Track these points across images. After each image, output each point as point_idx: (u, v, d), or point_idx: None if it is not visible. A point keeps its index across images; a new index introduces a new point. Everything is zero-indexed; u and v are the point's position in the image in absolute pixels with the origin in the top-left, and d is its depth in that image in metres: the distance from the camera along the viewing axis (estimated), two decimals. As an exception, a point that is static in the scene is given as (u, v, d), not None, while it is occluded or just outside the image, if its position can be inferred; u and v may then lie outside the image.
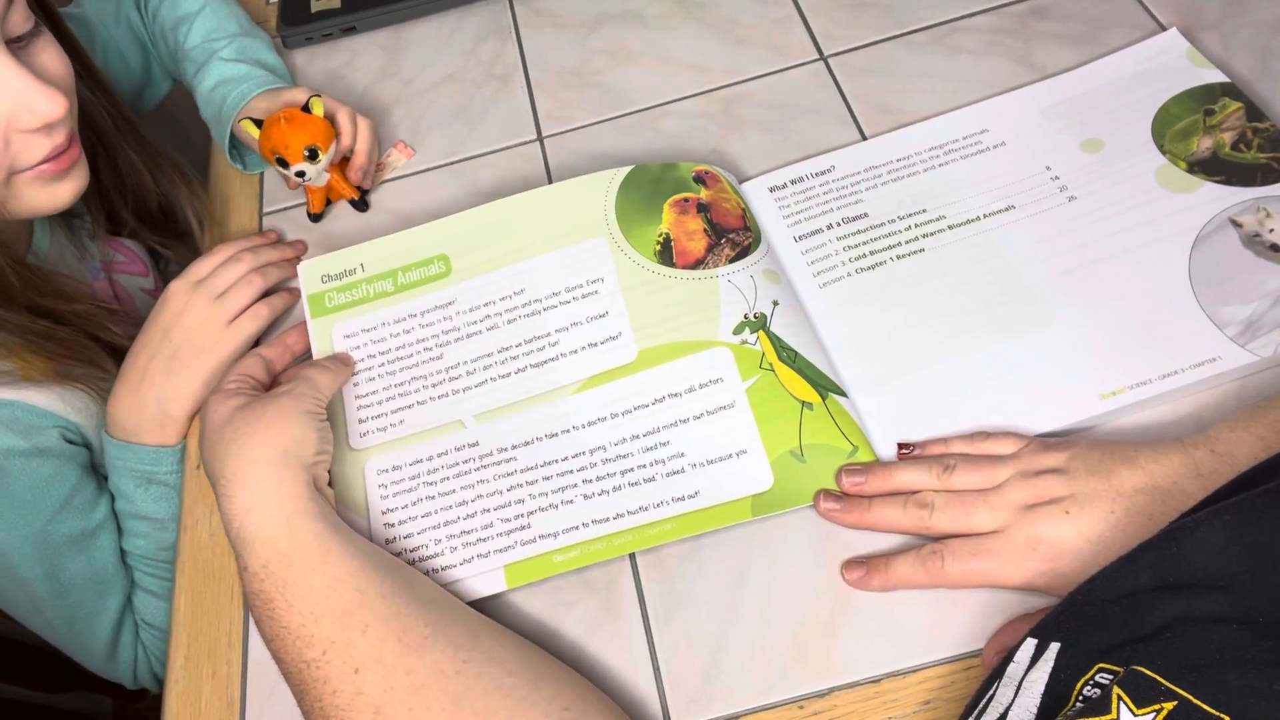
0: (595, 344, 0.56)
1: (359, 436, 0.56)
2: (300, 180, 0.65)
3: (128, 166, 0.72)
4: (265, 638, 0.46)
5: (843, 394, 0.54)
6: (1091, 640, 0.36)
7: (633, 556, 0.52)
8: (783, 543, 0.51)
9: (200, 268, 0.63)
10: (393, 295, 0.61)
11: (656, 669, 0.49)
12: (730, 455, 0.52)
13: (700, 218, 0.60)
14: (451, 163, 0.71)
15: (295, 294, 0.64)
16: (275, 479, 0.47)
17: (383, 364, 0.58)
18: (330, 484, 0.52)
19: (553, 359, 0.57)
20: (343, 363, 0.57)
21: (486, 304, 0.59)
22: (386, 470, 0.55)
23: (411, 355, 0.58)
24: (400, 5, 0.80)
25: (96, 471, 0.66)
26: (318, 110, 0.64)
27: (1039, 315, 0.54)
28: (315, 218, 0.70)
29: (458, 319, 0.59)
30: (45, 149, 0.56)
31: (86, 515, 0.64)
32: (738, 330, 0.55)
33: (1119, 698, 0.32)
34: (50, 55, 0.57)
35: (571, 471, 0.53)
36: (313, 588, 0.44)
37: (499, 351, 0.57)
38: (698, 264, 0.58)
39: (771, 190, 0.63)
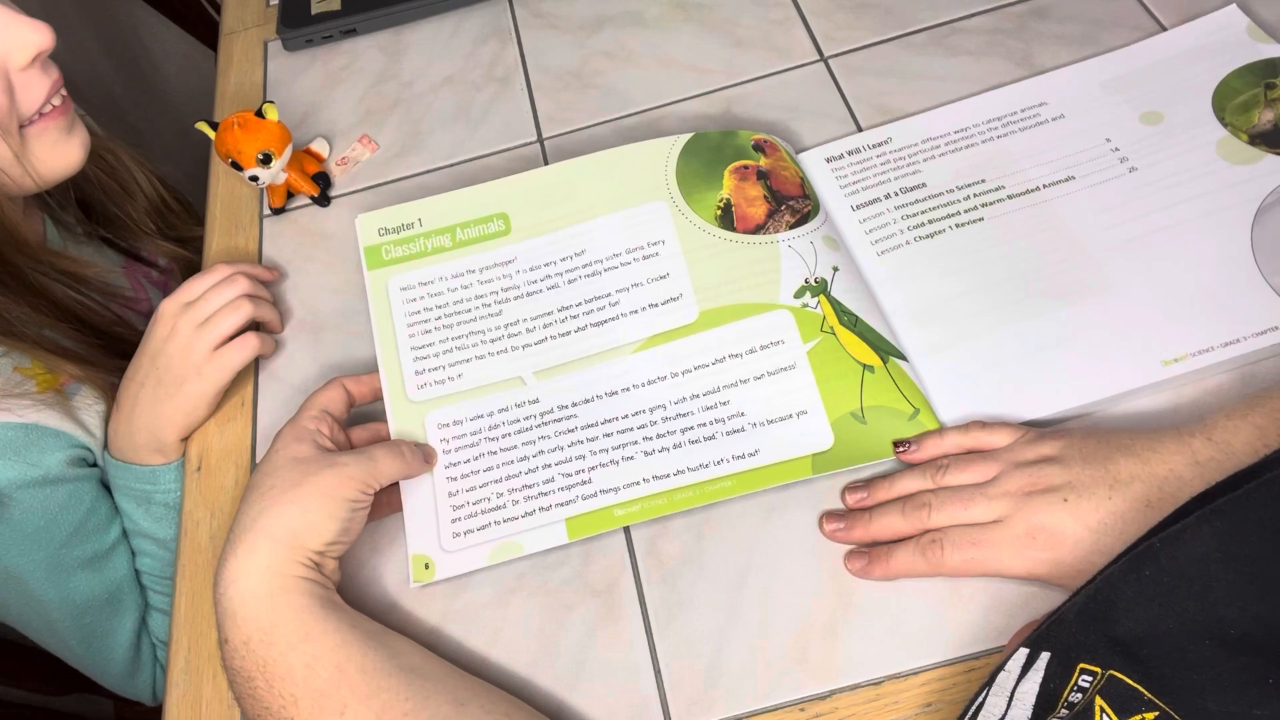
0: (656, 304, 0.57)
1: (416, 389, 0.57)
2: (254, 183, 0.66)
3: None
4: (248, 718, 0.45)
5: (903, 358, 0.54)
6: (1074, 645, 0.36)
7: (634, 559, 0.52)
8: (783, 545, 0.51)
9: (192, 288, 0.60)
10: (451, 251, 0.61)
11: (657, 671, 0.49)
12: (791, 415, 0.53)
13: (760, 184, 0.60)
14: (452, 164, 0.71)
15: (273, 344, 0.63)
16: (270, 555, 0.46)
17: (440, 318, 0.59)
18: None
19: (613, 318, 0.57)
20: (424, 459, 0.54)
21: (547, 264, 0.59)
22: (447, 425, 0.55)
23: (470, 310, 0.59)
24: (400, 7, 0.79)
25: (111, 489, 0.65)
26: (272, 116, 0.64)
27: (1100, 282, 0.54)
28: (277, 211, 0.70)
29: (517, 277, 0.59)
30: (46, 86, 0.56)
31: (101, 536, 0.64)
32: (799, 294, 0.56)
33: (1101, 709, 0.33)
34: None
35: (632, 429, 0.54)
36: (293, 668, 0.43)
37: (559, 310, 0.58)
38: (758, 229, 0.58)
39: (828, 161, 0.63)
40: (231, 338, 0.59)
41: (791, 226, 0.58)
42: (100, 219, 0.74)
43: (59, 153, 0.59)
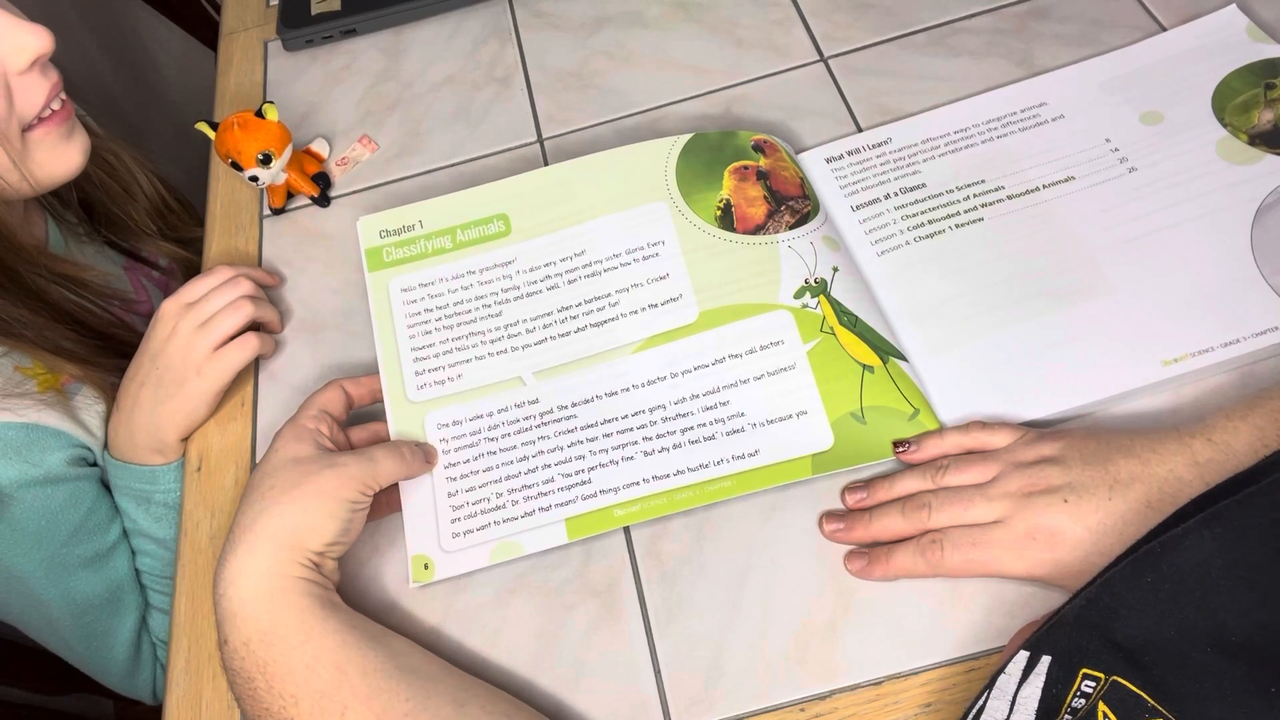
0: (656, 305, 0.57)
1: (416, 389, 0.57)
2: (254, 184, 0.66)
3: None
4: (248, 719, 0.45)
5: (903, 358, 0.54)
6: (1076, 650, 0.36)
7: (634, 559, 0.52)
8: (783, 545, 0.51)
9: (194, 288, 0.60)
10: (451, 252, 0.61)
11: (658, 671, 0.49)
12: (791, 416, 0.53)
13: (760, 185, 0.60)
14: (452, 165, 0.70)
15: (273, 344, 0.63)
16: (270, 555, 0.45)
17: (440, 319, 0.59)
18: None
19: (613, 319, 0.57)
20: (424, 459, 0.54)
21: (547, 264, 0.59)
22: (447, 425, 0.55)
23: (470, 311, 0.59)
24: (400, 7, 0.79)
25: (111, 489, 0.66)
26: (272, 116, 0.64)
27: (1100, 283, 0.54)
28: (277, 212, 0.70)
29: (517, 278, 0.59)
30: (46, 89, 0.56)
31: (101, 536, 0.64)
32: (799, 294, 0.56)
33: (1105, 715, 0.33)
34: None
35: (632, 429, 0.54)
36: (293, 668, 0.43)
37: (559, 311, 0.58)
38: (758, 229, 0.58)
39: (828, 161, 0.63)
40: (232, 338, 0.59)
41: (791, 227, 0.58)
42: (102, 220, 0.74)
43: (58, 157, 0.59)
